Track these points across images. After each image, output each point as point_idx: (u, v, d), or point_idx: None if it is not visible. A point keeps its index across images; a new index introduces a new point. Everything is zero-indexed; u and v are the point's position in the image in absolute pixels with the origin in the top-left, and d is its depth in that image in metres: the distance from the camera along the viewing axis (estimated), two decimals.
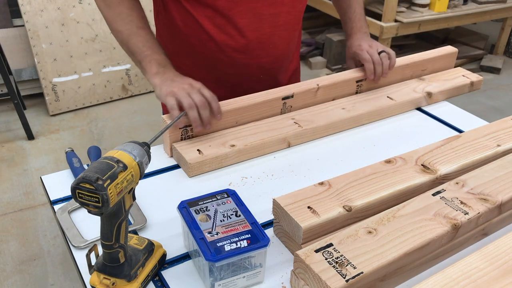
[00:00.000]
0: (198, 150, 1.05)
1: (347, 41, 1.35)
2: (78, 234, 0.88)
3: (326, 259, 0.72)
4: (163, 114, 1.37)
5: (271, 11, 1.17)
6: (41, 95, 3.15)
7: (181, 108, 1.02)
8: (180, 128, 1.07)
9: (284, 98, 1.18)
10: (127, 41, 1.11)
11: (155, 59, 1.09)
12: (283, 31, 1.22)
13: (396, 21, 3.31)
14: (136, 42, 1.10)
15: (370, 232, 0.76)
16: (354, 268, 0.70)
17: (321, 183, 0.88)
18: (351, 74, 1.29)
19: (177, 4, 1.17)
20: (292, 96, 1.19)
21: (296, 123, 1.16)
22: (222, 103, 1.13)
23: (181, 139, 1.09)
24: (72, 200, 0.94)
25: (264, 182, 1.03)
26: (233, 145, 1.07)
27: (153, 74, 1.07)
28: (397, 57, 1.32)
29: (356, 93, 1.30)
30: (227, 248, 0.73)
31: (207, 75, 1.25)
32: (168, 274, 0.81)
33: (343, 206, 0.83)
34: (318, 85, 1.22)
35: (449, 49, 1.45)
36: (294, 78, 1.39)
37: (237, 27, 1.16)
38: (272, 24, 1.19)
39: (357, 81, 1.29)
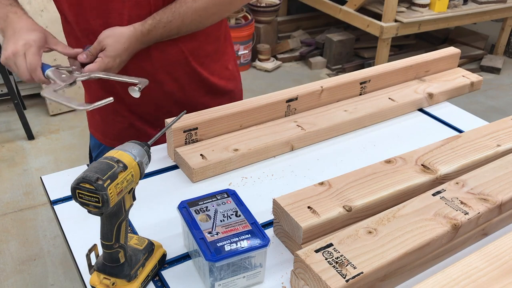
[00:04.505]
0: (201, 155, 1.04)
1: None
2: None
3: (326, 259, 0.72)
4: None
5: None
6: (41, 95, 3.15)
7: None
8: (184, 132, 1.06)
9: (288, 101, 1.18)
10: None
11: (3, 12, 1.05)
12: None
13: (396, 21, 3.31)
14: None
15: (370, 232, 0.76)
16: (354, 268, 0.70)
17: (321, 183, 0.88)
18: (355, 76, 1.29)
19: None
20: (296, 99, 1.19)
21: (299, 126, 1.15)
22: (227, 106, 1.12)
23: (185, 143, 1.08)
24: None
25: (264, 182, 1.03)
26: (236, 149, 1.06)
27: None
28: (397, 57, 1.31)
29: (360, 94, 1.30)
30: (227, 248, 0.73)
31: None
32: (168, 274, 0.81)
33: (343, 206, 0.83)
34: (322, 87, 1.22)
35: (451, 50, 1.45)
36: None
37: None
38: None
39: (361, 83, 1.29)
